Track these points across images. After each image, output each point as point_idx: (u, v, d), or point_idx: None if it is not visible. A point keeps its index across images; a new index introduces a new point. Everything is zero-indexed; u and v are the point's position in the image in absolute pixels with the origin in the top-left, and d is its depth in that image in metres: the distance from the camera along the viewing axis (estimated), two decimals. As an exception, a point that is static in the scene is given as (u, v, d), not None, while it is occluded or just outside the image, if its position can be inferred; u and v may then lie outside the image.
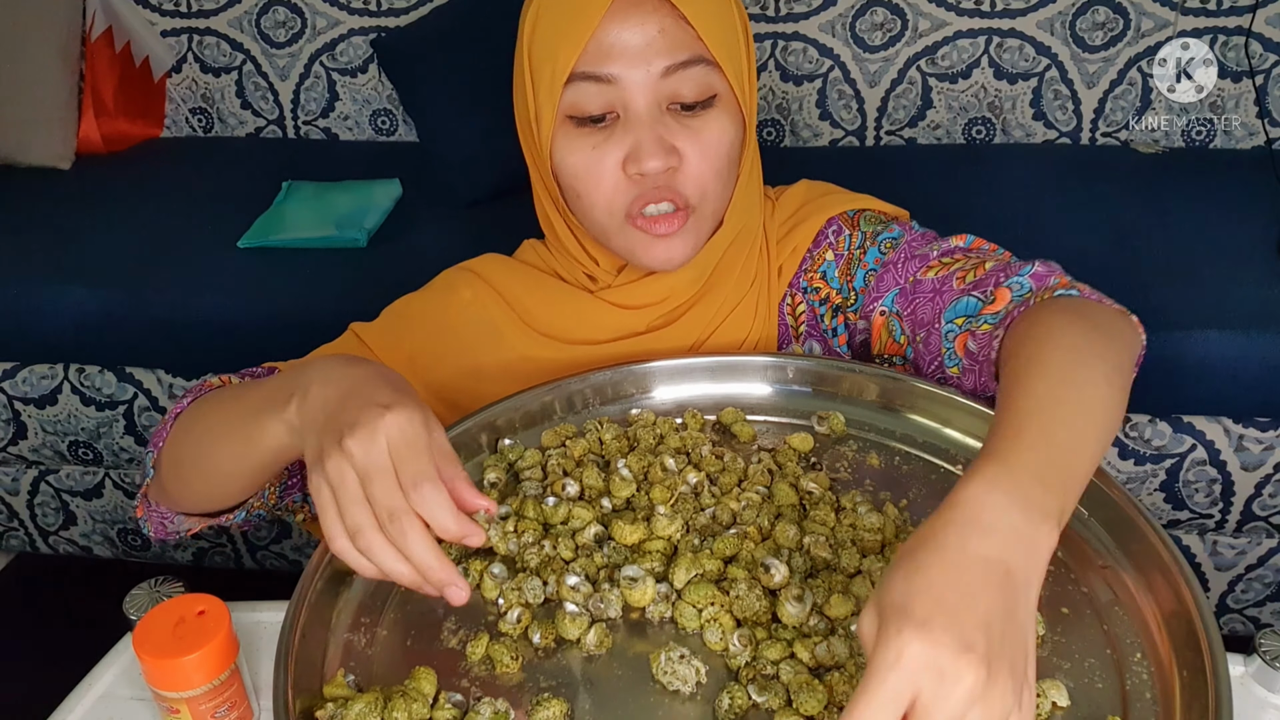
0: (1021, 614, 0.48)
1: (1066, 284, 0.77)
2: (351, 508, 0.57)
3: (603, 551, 0.67)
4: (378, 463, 0.56)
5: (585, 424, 0.79)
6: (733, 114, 0.79)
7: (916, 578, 0.47)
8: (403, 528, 0.56)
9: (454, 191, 1.84)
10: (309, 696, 0.58)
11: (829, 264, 0.89)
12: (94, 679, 0.69)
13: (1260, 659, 0.63)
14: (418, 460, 0.57)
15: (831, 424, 0.78)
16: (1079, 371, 0.62)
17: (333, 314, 1.57)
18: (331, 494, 0.57)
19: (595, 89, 0.76)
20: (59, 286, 1.65)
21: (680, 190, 0.78)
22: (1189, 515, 1.55)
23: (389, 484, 0.56)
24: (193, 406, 0.75)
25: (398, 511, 0.56)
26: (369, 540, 0.56)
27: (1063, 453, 0.55)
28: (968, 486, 0.51)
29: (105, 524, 1.89)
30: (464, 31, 1.85)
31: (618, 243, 0.82)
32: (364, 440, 0.56)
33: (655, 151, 0.75)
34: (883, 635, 0.45)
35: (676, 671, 0.58)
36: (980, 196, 1.76)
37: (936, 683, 0.44)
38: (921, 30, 1.90)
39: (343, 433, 0.57)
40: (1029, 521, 0.50)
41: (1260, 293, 1.44)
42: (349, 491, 0.57)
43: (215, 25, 2.10)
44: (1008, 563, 0.48)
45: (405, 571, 0.57)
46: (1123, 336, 0.71)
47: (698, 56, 0.76)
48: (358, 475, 0.56)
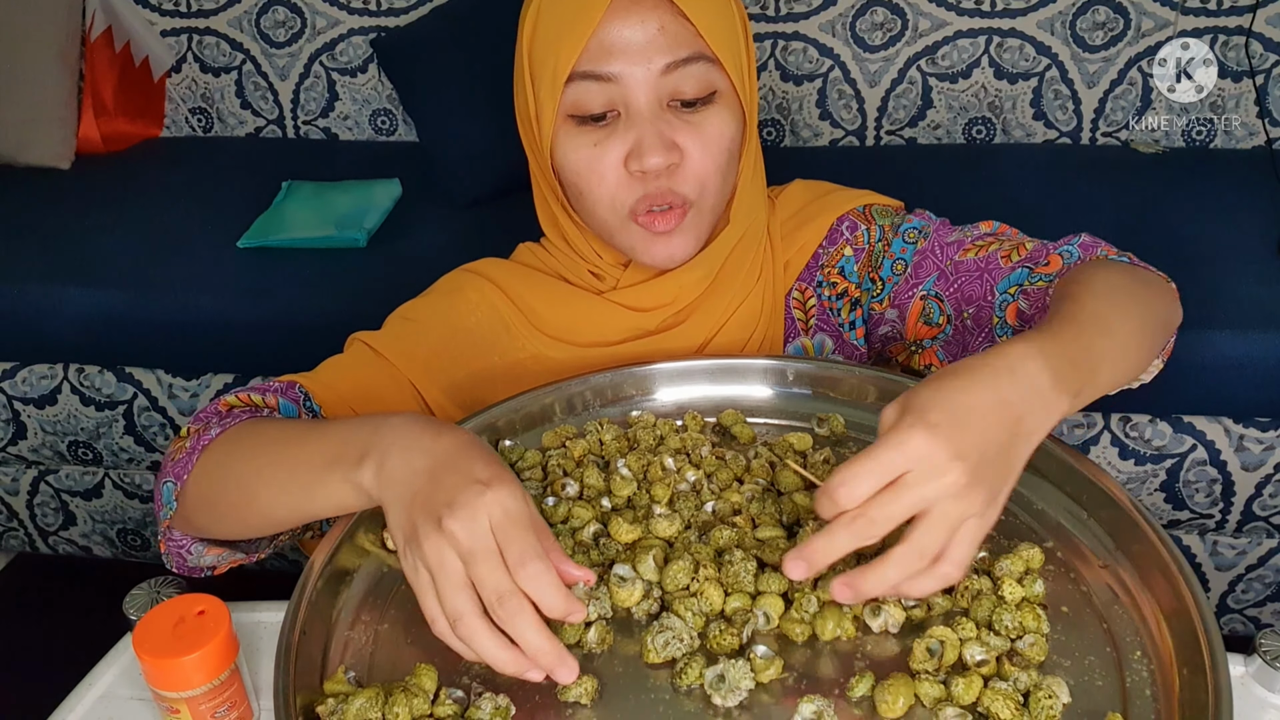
0: (1015, 455, 0.56)
1: (1114, 252, 0.83)
2: (454, 594, 0.55)
3: (598, 548, 0.67)
4: (483, 545, 0.55)
5: (585, 425, 0.79)
6: (733, 110, 0.80)
7: (943, 392, 0.55)
8: (512, 611, 0.54)
9: (454, 191, 1.84)
10: (309, 694, 0.58)
11: (848, 259, 0.90)
12: (94, 679, 0.69)
13: (1260, 659, 0.64)
14: (524, 538, 0.55)
15: (831, 426, 0.78)
16: (1120, 307, 0.69)
17: (332, 314, 1.59)
18: (430, 577, 0.56)
19: (596, 88, 0.76)
20: (59, 286, 1.65)
21: (679, 190, 0.79)
22: (1189, 515, 1.55)
23: (496, 566, 0.54)
24: (227, 441, 0.71)
25: (506, 595, 0.54)
26: (471, 627, 0.55)
27: (1097, 354, 0.62)
28: (1015, 344, 0.58)
29: (105, 524, 1.89)
30: (464, 31, 1.85)
31: (620, 240, 0.82)
32: (466, 521, 0.55)
33: (657, 148, 0.76)
34: (898, 423, 0.53)
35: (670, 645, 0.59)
36: (980, 196, 1.76)
37: (926, 470, 0.52)
38: (921, 30, 1.90)
39: (441, 513, 0.55)
40: (1054, 387, 0.57)
41: (1260, 293, 1.44)
42: (451, 577, 0.55)
43: (215, 25, 2.10)
44: (1022, 411, 0.56)
45: (509, 659, 0.55)
46: (1164, 297, 0.80)
47: (698, 53, 0.76)
48: (460, 558, 0.55)
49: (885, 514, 0.53)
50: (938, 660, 0.58)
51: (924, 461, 0.52)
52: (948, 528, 0.53)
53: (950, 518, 0.53)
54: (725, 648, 0.60)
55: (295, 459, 0.65)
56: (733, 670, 0.57)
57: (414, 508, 0.57)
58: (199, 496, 0.71)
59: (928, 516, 0.53)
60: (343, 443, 0.63)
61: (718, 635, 0.60)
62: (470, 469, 0.57)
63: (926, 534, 0.53)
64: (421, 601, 0.57)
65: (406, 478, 0.58)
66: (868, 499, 0.53)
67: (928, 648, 0.59)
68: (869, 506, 0.53)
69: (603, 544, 0.67)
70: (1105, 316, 0.66)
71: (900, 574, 0.54)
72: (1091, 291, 0.69)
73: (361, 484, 0.61)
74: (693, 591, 0.63)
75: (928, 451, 0.52)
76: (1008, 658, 0.58)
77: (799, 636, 0.61)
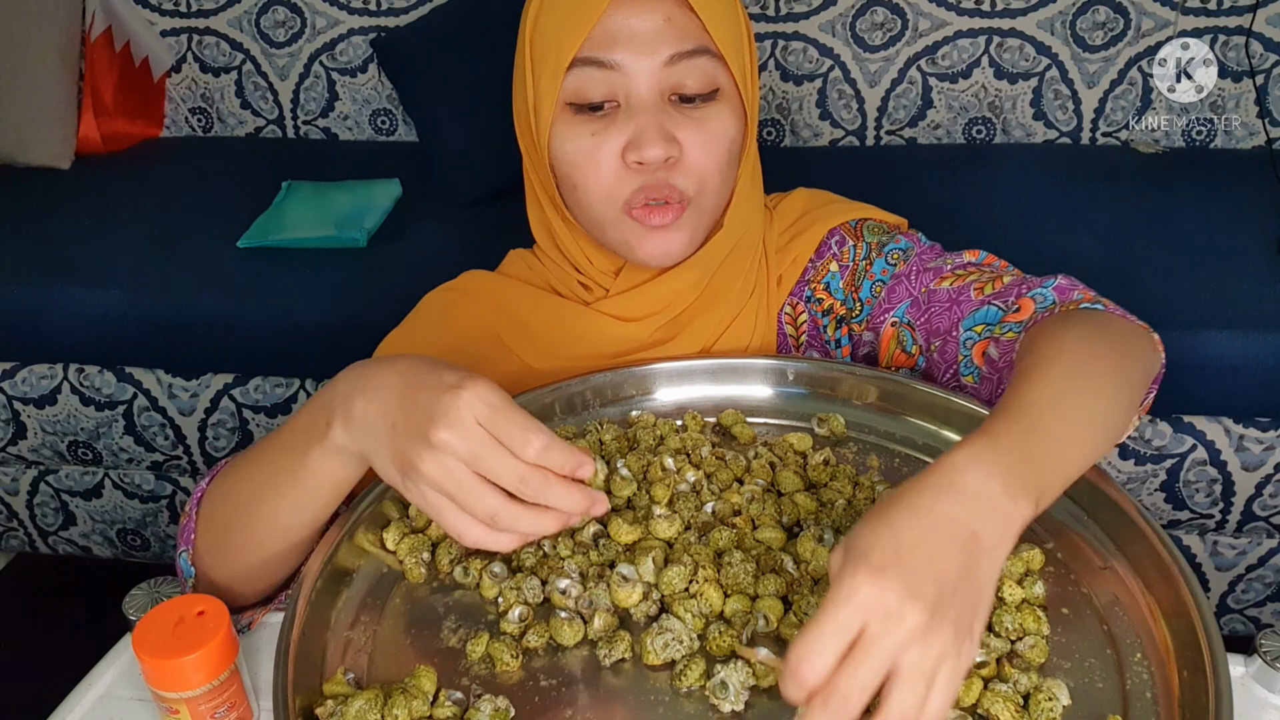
0: (981, 576, 0.50)
1: (1090, 298, 0.77)
2: (477, 496, 0.55)
3: (597, 548, 0.67)
4: (480, 441, 0.55)
5: (585, 425, 0.79)
6: (735, 109, 0.79)
7: (884, 528, 0.50)
8: (537, 486, 0.55)
9: (454, 191, 1.84)
10: (309, 695, 0.58)
11: (833, 275, 0.89)
12: (94, 679, 0.69)
13: (1260, 659, 0.63)
14: (515, 420, 0.55)
15: (831, 426, 0.78)
16: (1087, 378, 0.62)
17: (332, 314, 1.59)
18: (442, 494, 0.55)
19: (599, 75, 0.75)
20: (59, 286, 1.65)
21: (677, 185, 0.77)
22: (1189, 515, 1.55)
23: (504, 455, 0.55)
24: (215, 487, 0.70)
25: (525, 474, 0.55)
26: (511, 516, 0.55)
27: (1055, 442, 0.57)
28: (953, 454, 0.53)
29: (105, 524, 1.89)
30: (464, 31, 1.85)
31: (613, 235, 0.80)
32: (454, 426, 0.54)
33: (656, 139, 0.75)
34: (842, 573, 0.49)
35: (669, 646, 0.59)
36: (980, 196, 1.76)
37: (882, 621, 0.47)
38: (921, 30, 1.90)
39: (425, 430, 0.55)
40: (1006, 492, 0.52)
41: (1260, 293, 1.44)
42: (464, 482, 0.55)
43: (215, 25, 2.10)
44: (975, 526, 0.50)
45: (550, 524, 0.56)
46: (1141, 354, 0.72)
47: (703, 47, 0.75)
48: (464, 462, 0.55)
49: (857, 684, 0.47)
50: (938, 661, 0.58)
51: (877, 611, 0.47)
52: (923, 680, 0.47)
53: (922, 668, 0.47)
54: (725, 649, 0.60)
55: (275, 461, 0.65)
56: (735, 675, 0.57)
57: (396, 439, 0.56)
58: (209, 547, 0.69)
59: (898, 674, 0.47)
60: (308, 422, 0.62)
61: (717, 637, 0.60)
62: (436, 380, 0.57)
63: (900, 694, 0.47)
64: (443, 522, 0.56)
65: (376, 417, 0.58)
66: (834, 670, 0.47)
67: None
68: (838, 681, 0.47)
69: (602, 545, 0.67)
70: (1069, 395, 0.60)
71: None
72: (1057, 361, 0.62)
73: (340, 445, 0.60)
74: (692, 593, 0.63)
75: (878, 599, 0.47)
76: (1008, 659, 0.58)
77: None
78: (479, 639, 0.61)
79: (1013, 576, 0.63)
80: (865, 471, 0.74)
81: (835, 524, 0.68)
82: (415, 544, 0.67)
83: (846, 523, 0.68)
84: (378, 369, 0.60)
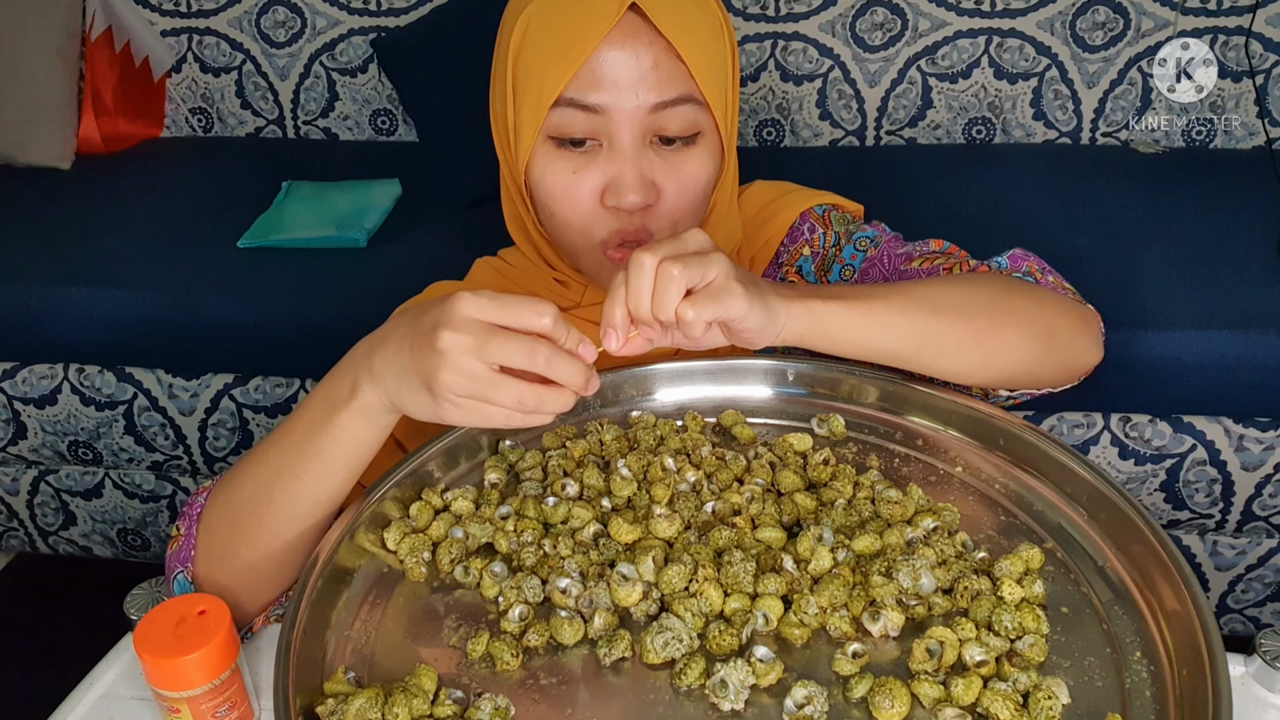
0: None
1: (1036, 272, 0.81)
2: (500, 385, 0.57)
3: (598, 548, 0.67)
4: (481, 332, 0.57)
5: (586, 425, 0.79)
6: (713, 151, 0.79)
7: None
8: (546, 354, 0.57)
9: (454, 191, 1.84)
10: (310, 694, 0.58)
11: (806, 259, 0.90)
12: (94, 678, 0.69)
13: (1260, 659, 0.64)
14: (518, 303, 0.57)
15: (831, 426, 0.78)
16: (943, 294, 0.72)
17: (332, 314, 1.59)
18: (470, 397, 0.57)
19: (582, 116, 0.75)
20: (59, 286, 1.65)
21: (652, 228, 0.78)
22: (1189, 515, 1.55)
23: (507, 336, 0.57)
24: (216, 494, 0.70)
25: (535, 347, 0.57)
26: (536, 396, 0.58)
27: (848, 299, 0.68)
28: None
29: (105, 524, 1.89)
30: (464, 31, 1.85)
31: (586, 264, 0.82)
32: (454, 328, 0.57)
33: (635, 187, 0.75)
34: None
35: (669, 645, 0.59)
36: (980, 196, 1.76)
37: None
38: (921, 30, 1.90)
39: (432, 341, 0.57)
40: (776, 292, 0.66)
41: (1260, 293, 1.44)
42: (484, 377, 0.57)
43: (215, 25, 2.10)
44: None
45: (569, 399, 0.59)
46: (1049, 330, 0.76)
47: (688, 95, 0.75)
48: (475, 357, 0.56)
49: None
50: (937, 661, 0.58)
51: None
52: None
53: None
54: (725, 648, 0.60)
55: (292, 444, 0.66)
56: (735, 674, 0.57)
57: (415, 365, 0.59)
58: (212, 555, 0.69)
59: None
60: (328, 395, 0.64)
61: (717, 636, 0.60)
62: (431, 307, 0.59)
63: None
64: (483, 419, 0.59)
65: (392, 356, 0.61)
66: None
67: (927, 648, 0.59)
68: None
69: (603, 544, 0.67)
70: (903, 285, 0.72)
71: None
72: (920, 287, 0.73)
73: (368, 403, 0.62)
74: (692, 592, 0.63)
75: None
76: (1007, 658, 0.58)
77: (798, 639, 0.61)
78: (479, 638, 0.62)
79: (1013, 575, 0.63)
80: (865, 471, 0.74)
81: (835, 524, 0.68)
82: (416, 544, 0.68)
83: (847, 523, 0.68)
84: (384, 329, 0.63)
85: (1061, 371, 0.79)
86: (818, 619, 0.61)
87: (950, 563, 0.65)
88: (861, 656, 0.59)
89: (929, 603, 0.62)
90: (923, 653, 0.58)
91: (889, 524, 0.68)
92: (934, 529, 0.67)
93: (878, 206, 1.02)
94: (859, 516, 0.69)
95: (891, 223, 0.94)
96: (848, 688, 0.57)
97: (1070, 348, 0.78)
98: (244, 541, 0.68)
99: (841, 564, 0.64)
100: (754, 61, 1.96)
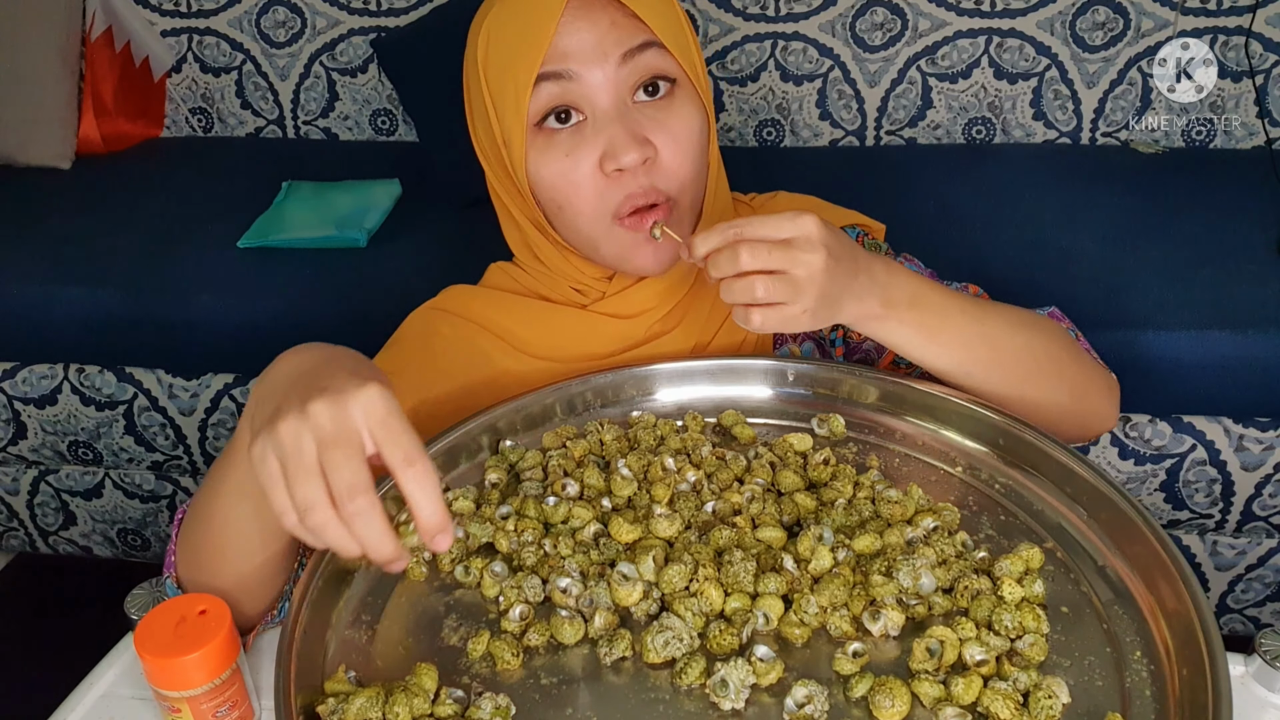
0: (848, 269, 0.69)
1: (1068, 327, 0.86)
2: (304, 481, 0.50)
3: (598, 548, 0.67)
4: (347, 432, 0.51)
5: (586, 425, 0.79)
6: (694, 100, 0.80)
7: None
8: (359, 508, 0.50)
9: (454, 191, 1.84)
10: (310, 694, 0.58)
11: None
12: (95, 678, 0.69)
13: (1260, 659, 0.64)
14: (406, 436, 0.52)
15: (831, 426, 0.78)
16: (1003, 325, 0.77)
17: (332, 314, 1.59)
18: (280, 465, 0.51)
19: (559, 89, 0.75)
20: (59, 286, 1.65)
21: (660, 187, 0.78)
22: (1189, 515, 1.55)
23: (354, 457, 0.51)
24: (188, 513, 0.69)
25: (359, 489, 0.50)
26: (322, 519, 0.51)
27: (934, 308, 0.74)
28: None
29: (105, 524, 1.89)
30: (464, 31, 1.85)
31: (607, 250, 0.81)
32: (335, 407, 0.51)
33: (629, 144, 0.75)
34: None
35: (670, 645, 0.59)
36: (980, 196, 1.76)
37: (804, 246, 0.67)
38: (921, 30, 1.90)
39: (309, 396, 0.51)
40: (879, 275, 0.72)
41: (1260, 293, 1.44)
42: (303, 461, 0.50)
43: (215, 25, 2.10)
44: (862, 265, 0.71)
45: (351, 550, 0.52)
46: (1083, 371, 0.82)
47: (649, 40, 0.76)
48: (316, 443, 0.50)
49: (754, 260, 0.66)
50: (937, 660, 0.58)
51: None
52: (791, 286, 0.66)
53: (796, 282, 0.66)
54: (725, 648, 0.60)
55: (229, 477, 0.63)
56: (735, 673, 0.57)
57: (284, 395, 0.53)
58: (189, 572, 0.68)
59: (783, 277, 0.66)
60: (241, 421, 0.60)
61: (717, 635, 0.60)
62: (356, 367, 0.55)
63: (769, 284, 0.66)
64: (269, 494, 0.52)
65: (285, 374, 0.57)
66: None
67: (927, 648, 0.59)
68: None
69: (603, 544, 0.67)
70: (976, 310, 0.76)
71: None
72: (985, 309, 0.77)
73: (248, 410, 0.57)
74: (692, 592, 0.63)
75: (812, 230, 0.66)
76: (1008, 657, 0.58)
77: (798, 638, 0.61)
78: (480, 637, 0.62)
79: (1012, 575, 0.63)
80: (865, 471, 0.74)
81: (835, 524, 0.68)
82: (416, 543, 0.67)
83: (847, 522, 0.68)
84: (308, 348, 0.60)
85: (1078, 429, 0.84)
86: (818, 618, 0.61)
87: (950, 562, 0.65)
88: (862, 656, 0.59)
89: (929, 602, 0.62)
90: (923, 652, 0.58)
91: (889, 524, 0.68)
92: (934, 529, 0.67)
93: (878, 206, 1.01)
94: (859, 516, 0.69)
95: (892, 223, 0.93)
96: (848, 687, 0.57)
97: (1093, 411, 0.83)
98: (215, 566, 0.66)
99: (842, 564, 0.64)
100: (754, 61, 1.96)
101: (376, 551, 0.52)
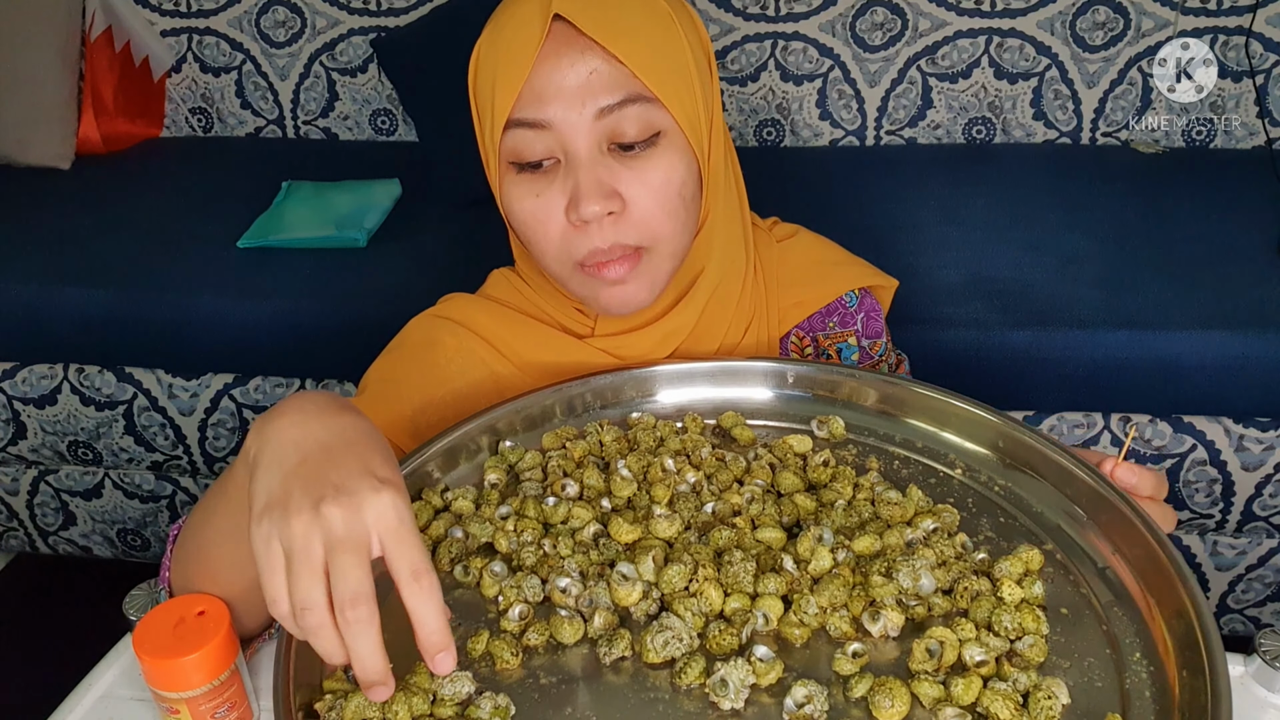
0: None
1: None
2: (307, 580, 0.50)
3: (598, 548, 0.67)
4: (357, 540, 0.50)
5: (586, 426, 0.79)
6: (681, 150, 0.76)
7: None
8: (357, 619, 0.50)
9: (454, 191, 1.84)
10: (309, 692, 0.58)
11: (850, 347, 0.91)
12: (94, 679, 0.69)
13: (1260, 659, 0.64)
14: (416, 549, 0.51)
15: (831, 428, 0.78)
16: None
17: (332, 314, 1.59)
18: (284, 558, 0.51)
19: (533, 135, 0.73)
20: (59, 286, 1.65)
21: (625, 241, 0.75)
22: (1189, 515, 1.55)
23: (364, 566, 0.50)
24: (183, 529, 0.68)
25: (362, 599, 0.50)
26: (316, 623, 0.50)
27: None
28: None
29: (105, 524, 1.89)
30: (464, 31, 1.85)
31: (573, 288, 0.80)
32: (350, 510, 0.50)
33: (594, 196, 0.72)
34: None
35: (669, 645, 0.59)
36: (980, 196, 1.76)
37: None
38: (921, 30, 1.90)
39: (325, 493, 0.51)
40: None
41: (1260, 293, 1.44)
42: (309, 562, 0.50)
43: (215, 25, 2.10)
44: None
45: (338, 659, 0.51)
46: None
47: (634, 95, 0.73)
48: (325, 547, 0.50)
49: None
50: (937, 661, 0.58)
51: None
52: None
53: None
54: (725, 648, 0.60)
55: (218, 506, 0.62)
56: (735, 673, 0.57)
57: (296, 476, 0.52)
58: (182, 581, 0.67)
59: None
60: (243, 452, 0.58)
61: (717, 635, 0.60)
62: (370, 461, 0.54)
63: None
64: (265, 578, 0.51)
65: (296, 441, 0.54)
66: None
67: (927, 648, 0.59)
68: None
69: (603, 544, 0.67)
70: None
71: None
72: None
73: (249, 450, 0.55)
74: (692, 592, 0.63)
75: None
76: (1007, 658, 0.58)
77: (798, 639, 0.61)
78: (479, 637, 0.62)
79: (1012, 576, 0.63)
80: (865, 473, 0.74)
81: (835, 525, 0.68)
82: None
83: (846, 523, 0.68)
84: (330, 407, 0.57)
85: None
86: (818, 619, 0.61)
87: (950, 563, 0.65)
88: (861, 656, 0.59)
89: (929, 603, 0.62)
90: (923, 653, 0.58)
91: (889, 525, 0.68)
92: (934, 530, 0.67)
93: (878, 206, 1.02)
94: (859, 517, 0.69)
95: (892, 222, 0.94)
96: (848, 687, 0.57)
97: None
98: (207, 587, 0.65)
99: (841, 564, 0.64)
100: (754, 61, 1.96)
101: (364, 666, 0.51)
